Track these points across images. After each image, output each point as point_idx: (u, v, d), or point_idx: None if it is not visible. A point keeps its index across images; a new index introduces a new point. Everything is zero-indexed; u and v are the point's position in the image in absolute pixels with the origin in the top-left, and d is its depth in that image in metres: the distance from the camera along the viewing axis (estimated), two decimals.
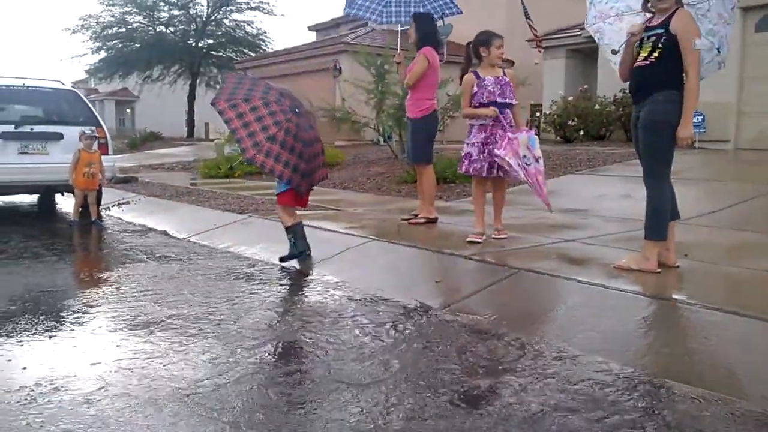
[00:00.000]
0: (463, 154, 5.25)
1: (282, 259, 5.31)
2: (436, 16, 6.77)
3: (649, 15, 4.16)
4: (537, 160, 4.99)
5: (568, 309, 3.70)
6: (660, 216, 4.06)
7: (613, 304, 3.60)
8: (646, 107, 4.01)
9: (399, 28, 7.02)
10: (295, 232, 5.30)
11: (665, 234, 4.08)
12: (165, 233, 7.15)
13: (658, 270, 4.02)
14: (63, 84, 9.21)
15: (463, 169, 5.26)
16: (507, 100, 5.14)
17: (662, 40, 3.91)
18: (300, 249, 5.27)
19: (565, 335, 3.42)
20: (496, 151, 4.96)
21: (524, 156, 4.94)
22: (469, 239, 5.14)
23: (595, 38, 4.66)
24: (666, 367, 2.98)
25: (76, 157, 7.77)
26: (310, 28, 32.60)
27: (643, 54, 4.02)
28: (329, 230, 6.06)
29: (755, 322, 3.14)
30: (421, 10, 6.82)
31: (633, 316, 3.44)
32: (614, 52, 4.32)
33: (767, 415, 2.50)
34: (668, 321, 3.41)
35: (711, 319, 3.26)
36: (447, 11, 6.89)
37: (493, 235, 5.24)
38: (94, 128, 8.18)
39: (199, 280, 4.94)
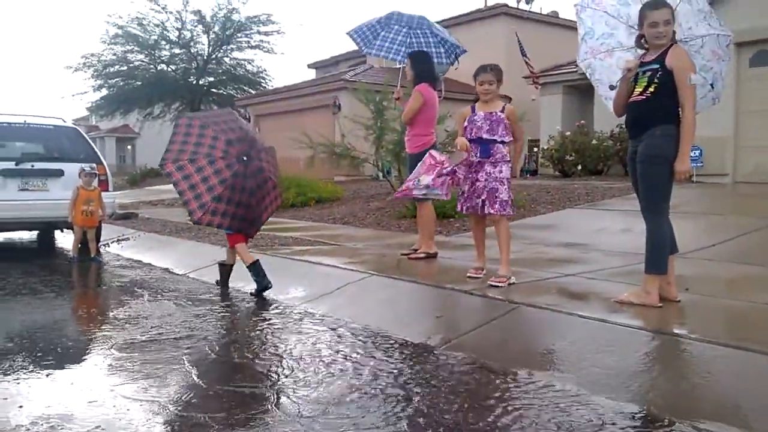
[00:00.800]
0: (458, 193, 5.24)
1: (253, 294, 5.62)
2: (451, 59, 6.99)
3: (641, 51, 4.22)
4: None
5: (569, 344, 3.67)
6: (660, 250, 4.05)
7: (615, 339, 3.58)
8: (644, 142, 4.04)
9: (399, 65, 7.12)
10: (256, 269, 5.62)
11: (666, 268, 4.07)
12: (165, 269, 7.13)
13: (660, 304, 4.00)
14: (64, 121, 9.30)
15: (458, 207, 5.25)
16: (495, 137, 4.99)
17: (658, 75, 3.96)
18: (264, 284, 5.56)
19: (566, 371, 3.39)
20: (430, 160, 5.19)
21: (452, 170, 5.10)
22: (468, 274, 5.11)
23: (587, 74, 4.73)
24: (669, 403, 2.95)
25: (75, 194, 7.79)
26: (309, 66, 32.97)
27: (639, 89, 4.07)
28: (329, 265, 6.04)
29: (758, 356, 3.11)
30: (434, 50, 6.94)
31: (635, 352, 3.41)
32: (612, 87, 4.37)
33: None
34: (670, 356, 3.38)
35: (713, 353, 3.23)
36: (459, 51, 7.01)
37: (489, 282, 4.85)
38: (94, 165, 8.21)
39: (199, 318, 4.91)
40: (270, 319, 4.76)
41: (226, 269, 6.08)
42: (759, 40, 10.77)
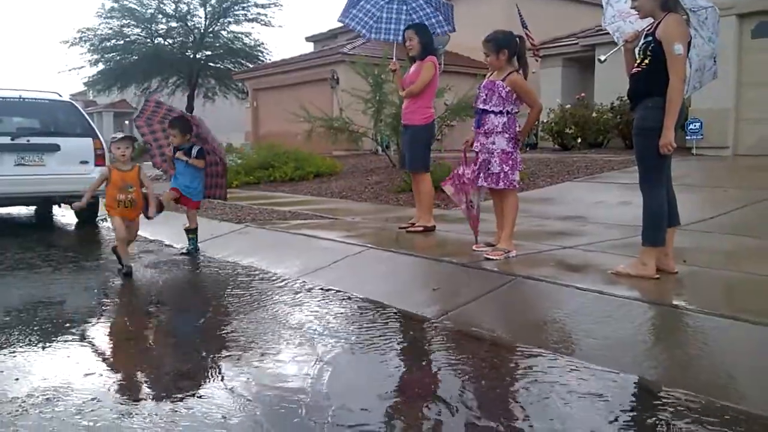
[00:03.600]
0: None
1: (184, 254, 6.39)
2: (450, 24, 6.92)
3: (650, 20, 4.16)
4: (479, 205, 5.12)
5: (567, 316, 3.67)
6: (656, 222, 4.03)
7: (612, 311, 3.57)
8: (638, 114, 4.03)
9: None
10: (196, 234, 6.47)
11: (662, 240, 4.05)
12: (161, 243, 7.13)
13: (657, 276, 4.00)
14: (60, 95, 9.21)
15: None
16: (487, 107, 4.87)
17: (651, 47, 3.91)
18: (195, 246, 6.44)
19: (562, 342, 3.39)
20: (442, 185, 5.24)
21: (471, 201, 5.07)
22: (474, 248, 5.10)
23: (614, 37, 4.63)
24: (665, 373, 2.95)
25: (104, 177, 5.55)
26: (307, 39, 32.64)
27: (637, 61, 4.03)
28: (327, 239, 6.03)
29: (754, 326, 3.11)
30: (433, 20, 6.85)
31: (631, 323, 3.41)
32: (601, 61, 4.33)
33: (766, 421, 2.47)
34: (667, 327, 3.38)
35: (710, 324, 3.23)
36: (439, 30, 6.89)
37: (485, 255, 4.82)
38: (120, 133, 7.48)
39: (197, 289, 4.91)
40: (267, 291, 4.75)
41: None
42: (760, 11, 10.63)
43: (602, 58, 4.52)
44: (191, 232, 6.48)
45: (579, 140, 14.23)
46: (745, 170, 9.24)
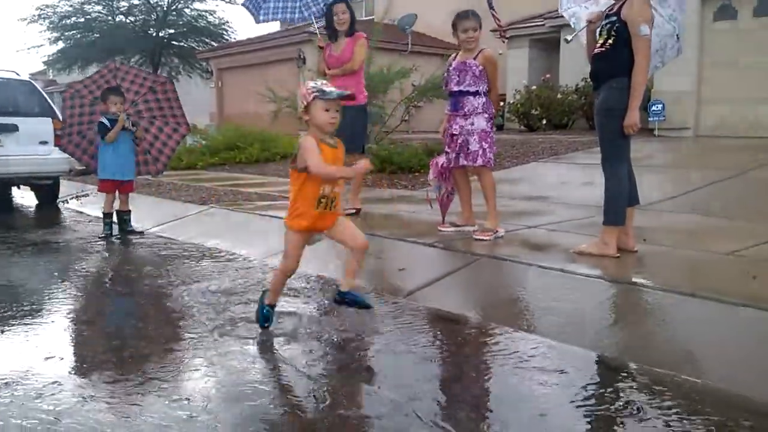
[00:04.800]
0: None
1: (102, 237, 6.25)
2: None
3: (612, 2, 4.18)
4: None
5: (529, 294, 3.72)
6: (617, 202, 4.09)
7: (573, 288, 3.63)
8: (602, 94, 4.05)
9: (314, 19, 6.97)
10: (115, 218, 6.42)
11: (623, 219, 4.12)
12: None
13: (617, 255, 4.06)
14: (18, 74, 8.97)
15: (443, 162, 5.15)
16: (461, 88, 4.84)
17: (615, 27, 3.94)
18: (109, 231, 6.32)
19: (525, 319, 3.43)
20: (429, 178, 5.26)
21: (450, 189, 5.15)
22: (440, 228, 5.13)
23: (570, 23, 4.67)
24: (625, 349, 3.01)
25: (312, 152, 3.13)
26: None
27: (600, 41, 4.05)
28: None
29: (712, 303, 3.18)
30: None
31: (592, 300, 3.47)
32: (567, 41, 4.35)
33: (724, 394, 2.54)
34: (627, 304, 3.44)
35: (668, 301, 3.30)
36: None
37: (474, 236, 4.82)
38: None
39: (159, 271, 4.85)
40: (233, 272, 4.72)
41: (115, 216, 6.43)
42: None
43: (568, 38, 4.55)
44: (127, 214, 6.49)
45: (544, 121, 14.34)
46: (705, 151, 9.40)
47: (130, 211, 6.45)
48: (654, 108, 10.86)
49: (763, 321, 2.96)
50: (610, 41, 3.97)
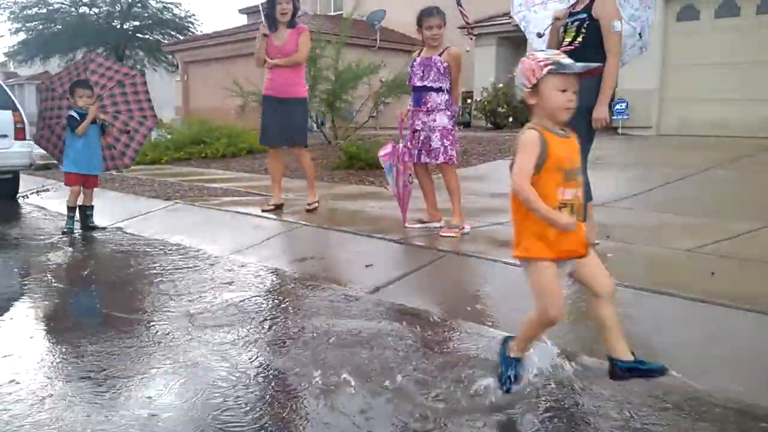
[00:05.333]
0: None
1: (64, 232, 6.09)
2: None
3: (573, 1, 4.24)
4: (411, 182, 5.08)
5: (493, 290, 3.75)
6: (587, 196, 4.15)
7: None
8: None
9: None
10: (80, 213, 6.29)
11: (584, 216, 4.16)
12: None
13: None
14: None
15: (404, 158, 5.10)
16: (425, 83, 4.86)
17: (585, 25, 3.98)
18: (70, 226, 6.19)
19: (488, 315, 3.46)
20: (380, 157, 5.12)
21: (409, 175, 5.05)
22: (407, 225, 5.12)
23: (521, 26, 4.72)
24: (586, 343, 3.05)
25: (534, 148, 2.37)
26: (241, 11, 31.85)
27: (568, 39, 4.09)
28: (259, 216, 5.96)
29: (671, 298, 3.25)
30: None
31: None
32: (540, 35, 4.38)
33: (684, 388, 2.59)
34: (589, 299, 3.48)
35: (630, 297, 3.35)
36: None
37: (440, 233, 4.83)
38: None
39: (122, 267, 4.78)
40: (199, 269, 4.67)
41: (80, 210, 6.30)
42: None
43: (541, 32, 4.58)
44: (90, 210, 6.37)
45: (511, 119, 14.46)
46: (667, 149, 9.58)
47: (93, 206, 6.33)
48: (618, 107, 11.03)
49: (721, 316, 3.03)
50: (579, 39, 4.01)
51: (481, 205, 6.23)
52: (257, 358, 2.98)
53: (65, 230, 6.12)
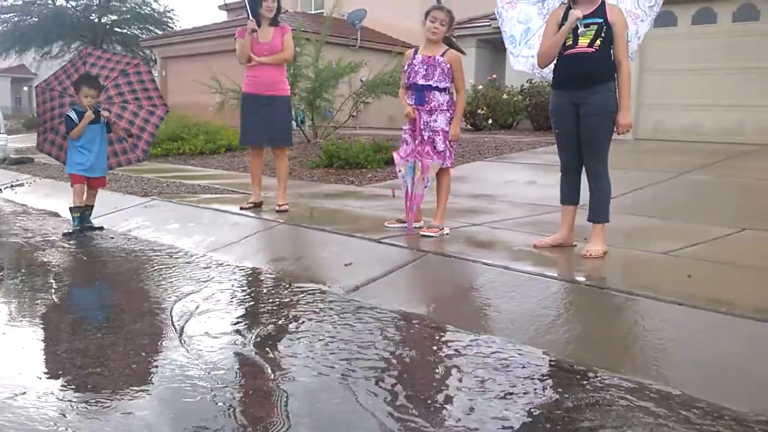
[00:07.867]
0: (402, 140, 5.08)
1: (65, 235, 5.78)
2: None
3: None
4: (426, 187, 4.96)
5: (473, 290, 3.76)
6: (609, 200, 4.37)
7: (516, 286, 3.68)
8: (600, 95, 4.10)
9: None
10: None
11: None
12: (59, 216, 6.80)
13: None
14: None
15: (401, 157, 5.00)
16: (430, 82, 4.81)
17: (604, 30, 4.03)
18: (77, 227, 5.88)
19: (467, 316, 3.47)
20: (395, 154, 5.03)
21: (427, 180, 4.90)
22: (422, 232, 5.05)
23: (498, 21, 4.79)
24: (565, 346, 3.07)
25: None
26: (220, 8, 31.59)
27: (585, 41, 4.07)
28: (238, 214, 5.91)
29: (649, 301, 3.27)
30: None
31: (535, 297, 3.52)
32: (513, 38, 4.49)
33: (663, 393, 2.61)
34: (568, 301, 3.51)
35: (608, 299, 3.38)
36: None
37: (421, 232, 4.81)
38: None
39: (97, 265, 4.72)
40: (175, 266, 4.62)
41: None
42: (664, 1, 11.11)
43: (512, 34, 4.64)
44: (89, 209, 6.10)
45: (490, 121, 14.52)
46: (643, 154, 9.68)
47: (92, 206, 6.12)
48: None
49: (697, 319, 3.06)
50: (597, 42, 4.05)
51: (460, 206, 6.24)
52: (233, 356, 2.95)
53: (71, 231, 5.83)
